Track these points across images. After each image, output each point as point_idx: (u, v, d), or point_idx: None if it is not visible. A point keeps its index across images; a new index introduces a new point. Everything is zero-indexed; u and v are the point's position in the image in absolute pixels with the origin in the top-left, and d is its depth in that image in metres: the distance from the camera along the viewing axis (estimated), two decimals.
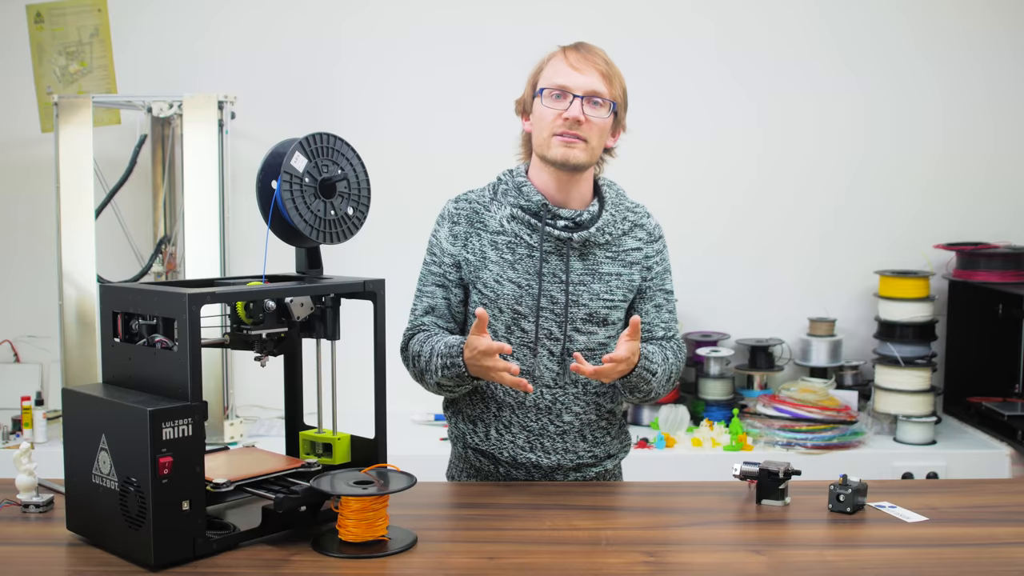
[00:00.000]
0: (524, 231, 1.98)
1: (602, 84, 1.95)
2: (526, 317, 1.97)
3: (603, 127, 1.97)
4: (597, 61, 1.96)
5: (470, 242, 2.01)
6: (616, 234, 2.03)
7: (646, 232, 2.08)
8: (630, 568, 1.51)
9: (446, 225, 2.04)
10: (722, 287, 3.81)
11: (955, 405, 3.70)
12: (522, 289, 1.97)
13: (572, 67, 1.95)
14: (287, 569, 1.49)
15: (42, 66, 3.60)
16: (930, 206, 3.79)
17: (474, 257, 2.00)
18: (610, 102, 1.96)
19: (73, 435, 1.58)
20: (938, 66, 3.76)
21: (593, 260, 2.00)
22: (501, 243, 1.99)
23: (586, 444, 2.04)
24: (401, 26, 3.71)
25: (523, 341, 1.98)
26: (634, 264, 2.04)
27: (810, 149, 3.79)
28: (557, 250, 1.98)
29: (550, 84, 1.96)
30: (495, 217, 2.01)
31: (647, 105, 3.74)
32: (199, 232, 3.26)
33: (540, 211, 1.98)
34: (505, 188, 2.03)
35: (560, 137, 1.94)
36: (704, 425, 3.48)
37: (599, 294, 1.99)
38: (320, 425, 1.80)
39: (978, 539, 1.65)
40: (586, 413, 2.03)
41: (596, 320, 2.00)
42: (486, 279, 1.99)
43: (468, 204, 2.05)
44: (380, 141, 3.65)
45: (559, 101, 1.95)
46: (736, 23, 3.75)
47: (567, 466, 2.03)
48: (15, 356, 3.69)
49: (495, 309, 1.98)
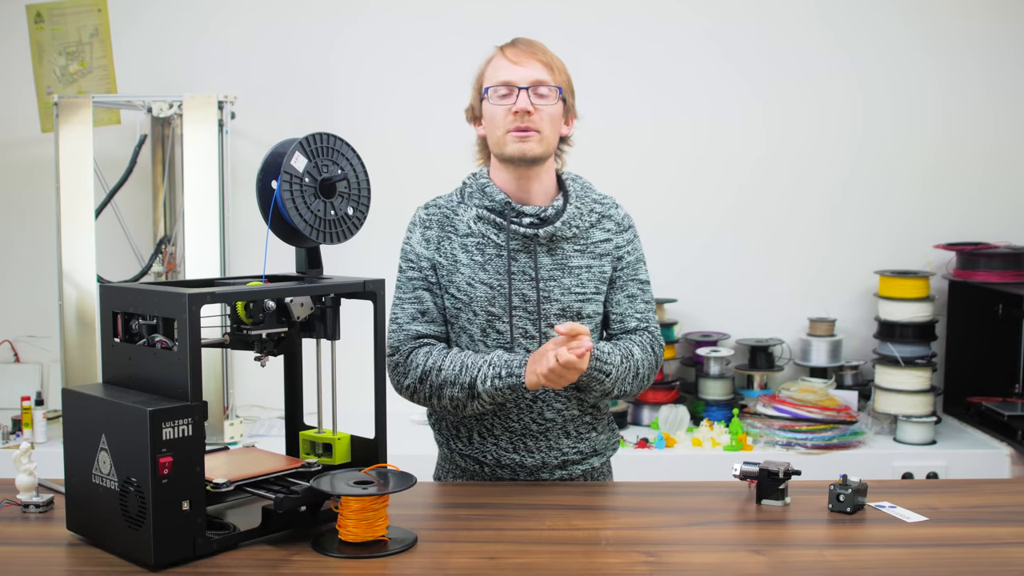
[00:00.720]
0: (491, 231, 1.98)
1: (544, 73, 1.96)
2: (500, 318, 1.97)
3: (554, 115, 1.98)
4: (536, 52, 1.98)
5: (442, 246, 2.01)
6: (583, 227, 2.02)
7: (615, 223, 2.07)
8: (630, 568, 1.51)
9: (418, 231, 2.04)
10: (722, 287, 3.81)
11: (955, 405, 3.70)
12: (494, 290, 1.97)
13: (512, 62, 1.96)
14: (287, 569, 1.49)
15: (42, 66, 3.60)
16: (930, 206, 3.79)
17: (447, 261, 2.00)
18: (556, 88, 1.96)
19: (73, 435, 1.58)
20: (938, 65, 3.76)
21: (562, 254, 2.00)
22: (471, 245, 1.99)
23: (570, 440, 2.03)
24: (401, 26, 3.72)
25: (499, 342, 1.98)
26: (604, 255, 2.03)
27: (810, 149, 3.80)
28: (525, 247, 1.98)
29: (493, 82, 1.97)
30: (463, 219, 2.01)
31: (646, 104, 3.76)
32: (199, 232, 3.26)
33: (504, 210, 1.98)
34: (470, 191, 2.04)
35: (514, 133, 1.94)
36: (704, 425, 3.48)
37: (570, 288, 1.99)
38: (320, 425, 1.80)
39: (978, 539, 1.65)
40: (568, 409, 2.02)
41: (570, 314, 1.99)
42: (459, 283, 1.98)
43: (438, 209, 2.04)
44: (380, 141, 3.66)
45: (506, 98, 1.95)
46: (734, 20, 3.75)
47: (552, 464, 2.02)
48: (15, 356, 3.69)
49: (469, 312, 1.98)
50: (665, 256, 3.80)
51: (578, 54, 3.73)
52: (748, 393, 3.63)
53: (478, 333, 1.98)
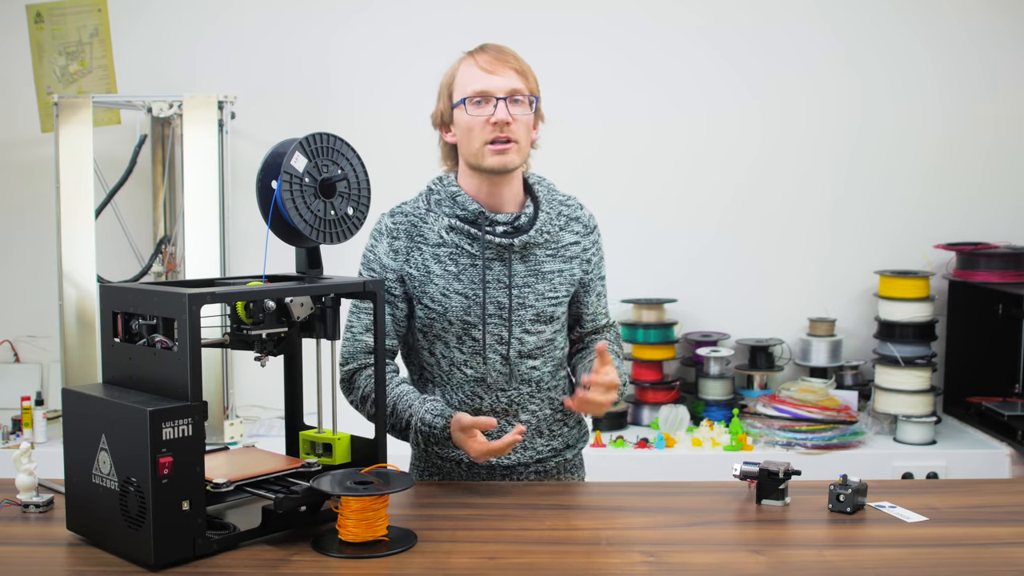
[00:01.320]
0: (464, 241, 1.97)
1: (519, 81, 1.94)
2: (476, 326, 1.97)
3: (528, 123, 1.97)
4: (508, 59, 1.95)
5: (412, 257, 1.99)
6: (554, 231, 2.03)
7: (581, 225, 2.08)
8: (630, 568, 1.51)
9: (384, 240, 2.00)
10: (722, 287, 3.81)
11: (955, 405, 3.70)
12: (469, 299, 1.96)
13: (486, 70, 1.93)
14: (287, 569, 1.49)
15: (42, 66, 3.60)
16: (930, 206, 3.79)
17: (418, 272, 1.98)
18: (530, 97, 1.96)
19: (73, 435, 1.58)
20: (937, 64, 3.76)
21: (535, 260, 2.00)
22: (443, 255, 1.98)
23: (543, 439, 2.05)
24: (401, 26, 3.71)
25: (475, 349, 1.98)
26: (573, 259, 2.05)
27: (810, 148, 3.79)
28: (499, 256, 1.98)
29: (469, 92, 1.94)
30: (433, 229, 1.99)
31: (643, 103, 3.76)
32: (199, 232, 3.26)
33: (477, 219, 1.97)
34: (438, 198, 2.01)
35: (492, 146, 1.93)
36: (704, 425, 3.48)
37: (544, 293, 2.00)
38: (320, 425, 1.80)
39: (978, 539, 1.65)
40: (541, 410, 2.04)
41: (543, 319, 2.01)
42: (432, 293, 1.97)
43: (405, 217, 2.01)
44: (380, 141, 3.65)
45: (482, 107, 1.93)
46: (730, 19, 3.75)
47: (527, 463, 2.04)
48: (15, 356, 3.69)
49: (444, 321, 1.97)
50: (665, 256, 3.80)
51: (572, 53, 3.77)
52: (748, 393, 3.63)
53: (453, 341, 1.99)
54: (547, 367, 2.04)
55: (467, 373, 1.99)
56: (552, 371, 2.05)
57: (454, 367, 1.99)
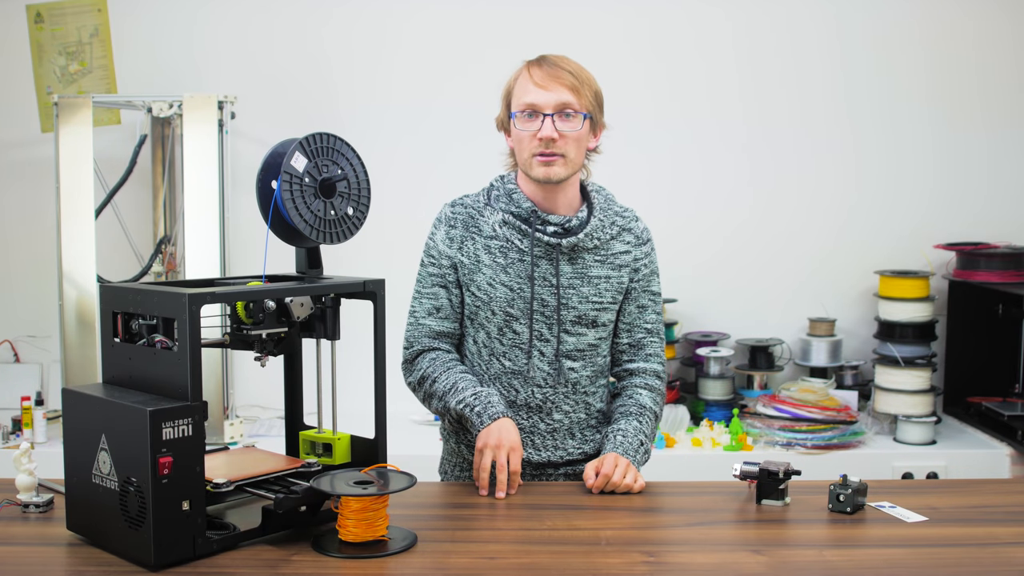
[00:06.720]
0: (515, 236, 2.02)
1: (570, 96, 1.95)
2: (518, 320, 2.02)
3: (579, 137, 1.98)
4: (562, 75, 1.95)
5: (465, 245, 2.05)
6: (604, 239, 2.06)
7: (634, 236, 2.11)
8: (630, 568, 1.51)
9: (443, 228, 2.08)
10: (722, 287, 3.81)
11: (955, 405, 3.70)
12: (514, 292, 2.01)
13: (538, 85, 1.95)
14: (287, 569, 1.49)
15: (42, 66, 3.60)
16: (930, 206, 3.79)
17: (469, 260, 2.04)
18: (581, 113, 1.96)
19: (73, 435, 1.58)
20: (937, 63, 3.76)
21: (582, 264, 2.04)
22: (494, 247, 2.03)
23: (575, 442, 2.09)
24: (401, 26, 3.71)
25: (515, 343, 2.03)
26: (623, 267, 2.08)
27: (811, 149, 3.79)
28: (547, 255, 2.02)
29: (521, 105, 1.97)
30: (488, 222, 2.05)
31: (651, 107, 3.75)
32: (199, 232, 3.26)
33: (530, 217, 2.02)
34: (497, 194, 2.07)
35: (539, 157, 1.96)
36: (704, 425, 3.48)
37: (588, 297, 2.03)
38: (320, 425, 1.80)
39: (978, 539, 1.65)
40: (575, 412, 2.07)
41: (585, 322, 2.04)
42: (479, 282, 2.03)
43: (464, 208, 2.08)
44: (380, 141, 3.66)
45: (531, 121, 1.96)
46: (737, 27, 3.76)
47: (557, 462, 2.07)
48: (15, 356, 3.69)
49: (488, 311, 2.03)
50: (665, 256, 3.78)
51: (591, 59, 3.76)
52: (748, 393, 3.63)
53: (495, 331, 2.04)
54: (586, 371, 2.07)
55: (505, 365, 2.04)
56: (591, 376, 2.08)
57: (494, 357, 2.05)
